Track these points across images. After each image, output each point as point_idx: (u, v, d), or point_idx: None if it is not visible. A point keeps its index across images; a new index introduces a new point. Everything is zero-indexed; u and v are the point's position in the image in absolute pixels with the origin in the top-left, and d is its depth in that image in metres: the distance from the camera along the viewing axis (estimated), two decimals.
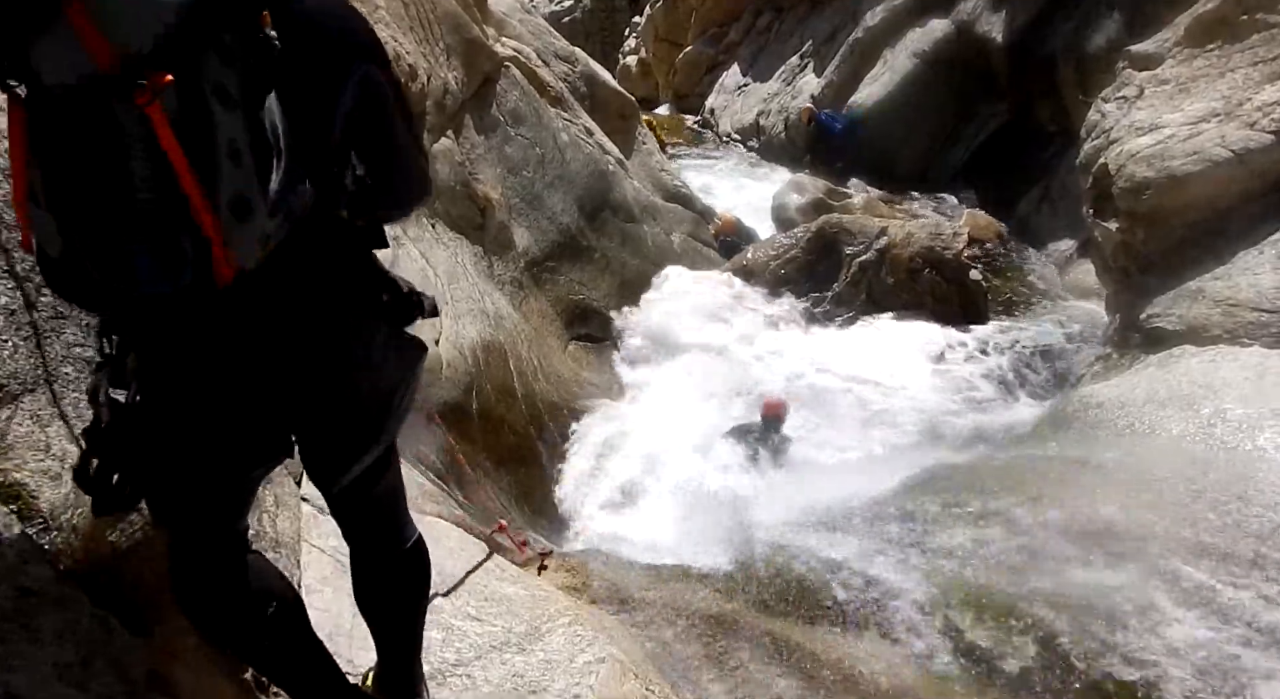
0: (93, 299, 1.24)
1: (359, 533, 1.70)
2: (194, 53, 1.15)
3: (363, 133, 1.35)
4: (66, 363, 1.39)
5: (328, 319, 1.39)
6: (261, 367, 1.33)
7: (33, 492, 1.19)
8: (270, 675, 1.71)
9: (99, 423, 1.27)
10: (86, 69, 1.09)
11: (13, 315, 1.27)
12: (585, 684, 2.51)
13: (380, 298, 1.47)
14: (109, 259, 1.17)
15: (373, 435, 1.53)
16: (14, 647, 0.99)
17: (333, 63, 1.29)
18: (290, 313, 1.33)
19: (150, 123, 1.12)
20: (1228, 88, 6.14)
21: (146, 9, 1.12)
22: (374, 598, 1.75)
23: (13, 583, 1.05)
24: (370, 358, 1.46)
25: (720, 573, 4.24)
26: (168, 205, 1.16)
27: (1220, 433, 4.57)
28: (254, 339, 1.31)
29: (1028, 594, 3.87)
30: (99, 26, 1.09)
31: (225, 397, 1.32)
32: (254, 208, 1.22)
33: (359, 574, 1.73)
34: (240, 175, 1.20)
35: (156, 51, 1.12)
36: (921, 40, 12.40)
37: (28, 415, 1.24)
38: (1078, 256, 8.93)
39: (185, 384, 1.30)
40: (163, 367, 1.29)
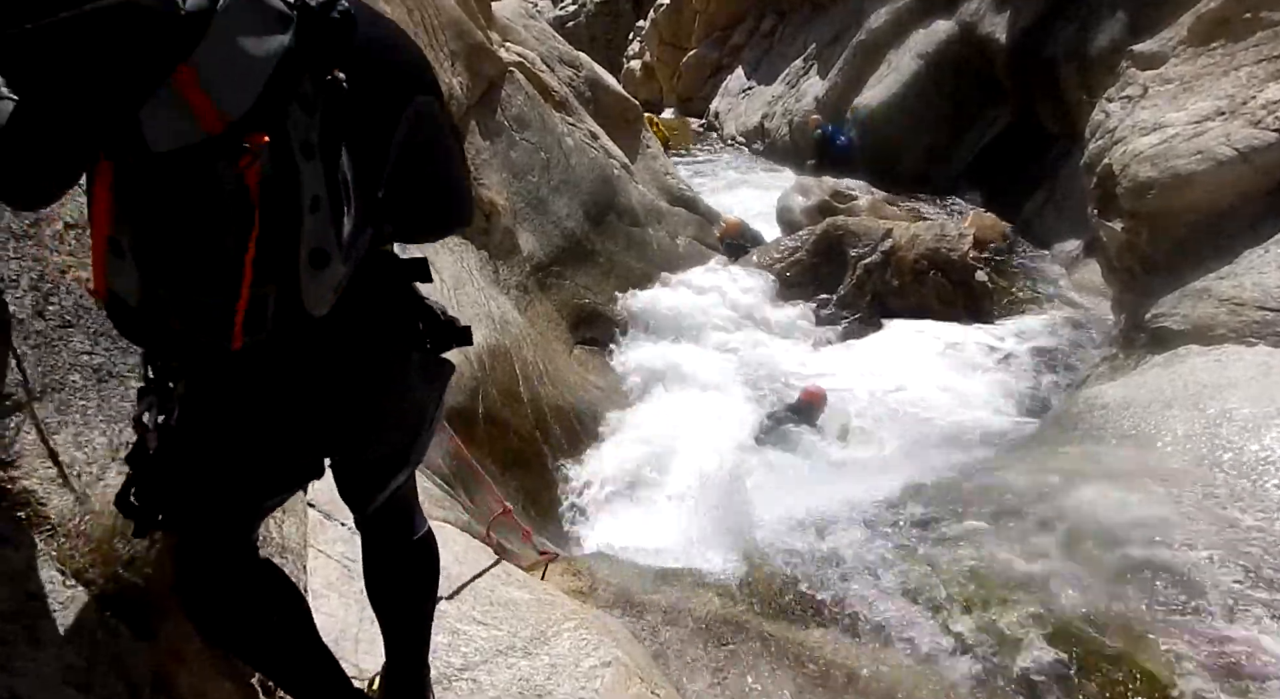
0: (166, 345, 1.28)
1: (374, 526, 1.73)
2: (282, 107, 1.18)
3: (414, 162, 1.38)
4: (74, 371, 1.41)
5: (373, 352, 1.43)
6: (308, 396, 1.37)
7: (40, 498, 1.21)
8: (276, 680, 1.73)
9: (145, 448, 1.30)
10: (194, 135, 1.12)
11: (20, 324, 1.29)
12: (591, 688, 2.51)
13: (418, 326, 1.51)
14: (193, 311, 1.21)
15: (408, 456, 1.60)
16: (18, 650, 1.01)
17: (392, 96, 1.31)
18: (339, 346, 1.37)
19: (245, 182, 1.15)
20: (1232, 86, 6.13)
21: (246, 70, 1.15)
22: (386, 587, 1.78)
23: (19, 587, 1.06)
24: (408, 384, 1.51)
25: (726, 576, 4.25)
26: (256, 260, 1.19)
27: (1227, 433, 4.55)
28: (304, 371, 1.35)
29: (1034, 597, 3.86)
30: (207, 92, 1.11)
31: (270, 424, 1.37)
32: (330, 258, 1.27)
33: (372, 565, 1.76)
34: (319, 227, 1.24)
35: (253, 111, 1.15)
36: (925, 42, 12.40)
37: (35, 423, 1.26)
38: (1083, 257, 8.91)
39: (233, 411, 1.34)
40: (212, 394, 1.33)
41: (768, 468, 6.09)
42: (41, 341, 1.34)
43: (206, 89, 1.12)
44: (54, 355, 1.36)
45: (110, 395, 1.50)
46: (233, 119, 1.13)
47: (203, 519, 1.40)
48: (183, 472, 1.33)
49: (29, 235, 1.39)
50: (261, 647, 1.53)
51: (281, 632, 1.54)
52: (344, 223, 1.27)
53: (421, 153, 1.38)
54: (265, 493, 1.47)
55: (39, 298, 1.36)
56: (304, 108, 1.20)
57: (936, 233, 8.99)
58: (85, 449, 1.36)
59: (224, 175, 1.15)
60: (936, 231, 9.04)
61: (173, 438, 1.31)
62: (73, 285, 1.47)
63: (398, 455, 1.59)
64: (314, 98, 1.21)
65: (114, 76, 1.10)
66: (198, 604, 1.43)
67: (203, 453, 1.34)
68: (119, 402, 1.52)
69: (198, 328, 1.22)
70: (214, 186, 1.15)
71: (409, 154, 1.35)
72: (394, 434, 1.55)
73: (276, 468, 1.44)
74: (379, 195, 1.34)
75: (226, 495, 1.40)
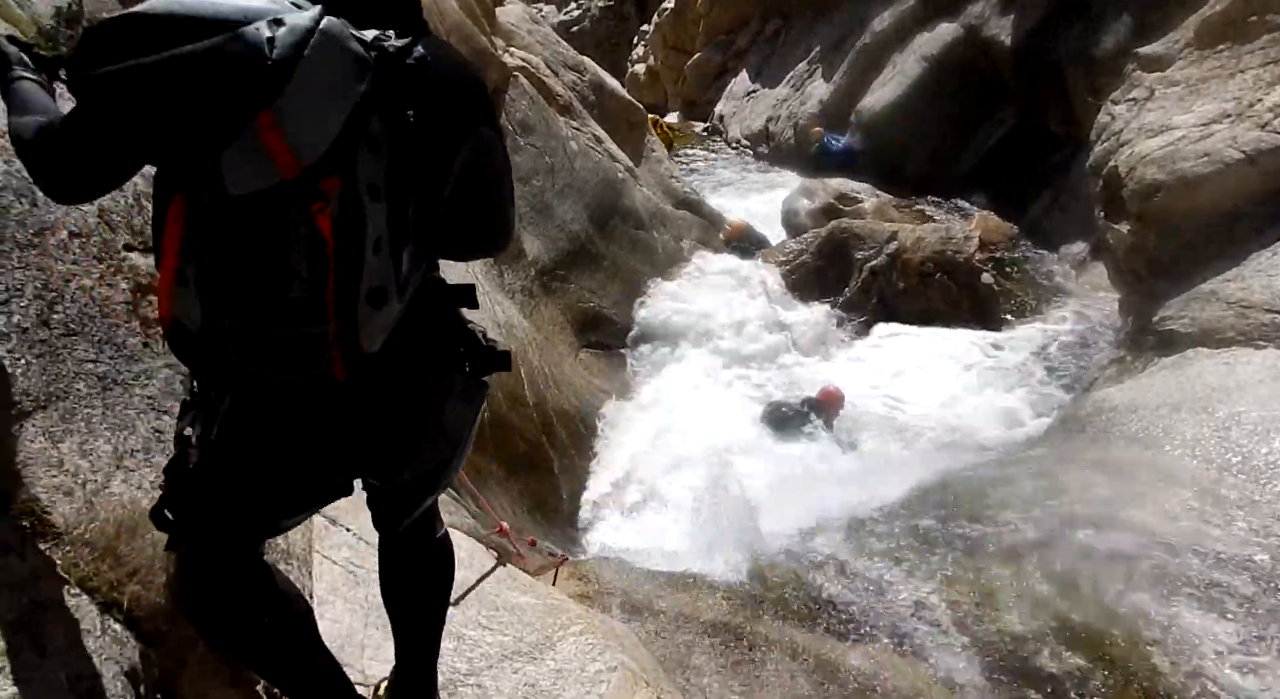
0: (220, 371, 1.30)
1: (395, 528, 1.74)
2: (352, 150, 1.21)
3: (471, 191, 1.39)
4: (79, 379, 1.41)
5: (416, 377, 1.45)
6: (350, 420, 1.39)
7: (45, 507, 1.21)
8: (280, 686, 1.72)
9: (185, 461, 1.33)
10: (272, 179, 1.16)
11: (25, 333, 1.29)
12: (597, 693, 2.51)
13: (460, 350, 1.53)
14: (251, 344, 1.25)
15: (439, 480, 1.63)
16: (25, 659, 1.01)
17: (455, 129, 1.33)
18: (385, 372, 1.38)
19: (317, 225, 1.20)
20: (1238, 89, 6.11)
21: (324, 117, 1.18)
22: (403, 588, 1.79)
23: (24, 596, 1.07)
24: (448, 409, 1.52)
25: (732, 581, 4.24)
26: (316, 299, 1.24)
27: (1236, 436, 4.52)
28: (348, 396, 1.36)
29: (1040, 600, 3.84)
30: (286, 139, 1.15)
31: (310, 447, 1.39)
32: (389, 297, 1.30)
33: (390, 565, 1.77)
34: (380, 267, 1.27)
35: (326, 156, 1.19)
36: (929, 44, 12.38)
37: (40, 431, 1.26)
38: (1089, 259, 8.88)
39: (275, 432, 1.36)
40: (256, 414, 1.34)
41: (775, 472, 6.08)
42: (46, 350, 1.34)
43: (286, 136, 1.15)
44: (58, 364, 1.36)
45: (114, 403, 1.50)
46: (308, 165, 1.17)
47: (223, 531, 1.41)
48: (218, 486, 1.35)
49: (33, 244, 1.39)
50: (264, 652, 1.53)
51: (284, 637, 1.54)
52: (403, 261, 1.30)
53: (478, 182, 1.40)
54: (292, 510, 1.50)
55: (43, 307, 1.37)
56: (371, 149, 1.23)
57: (942, 235, 8.97)
58: (90, 457, 1.37)
59: (296, 219, 1.19)
60: (942, 234, 9.02)
61: (212, 453, 1.33)
62: (77, 294, 1.47)
63: (431, 478, 1.60)
64: (382, 139, 1.24)
65: (198, 120, 1.14)
66: (203, 610, 1.44)
67: (240, 470, 1.36)
68: (123, 409, 1.52)
69: (254, 361, 1.26)
70: (286, 229, 1.19)
71: (466, 184, 1.37)
72: (430, 458, 1.56)
73: (309, 487, 1.46)
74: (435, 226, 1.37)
75: (255, 511, 1.42)
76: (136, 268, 1.70)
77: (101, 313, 1.53)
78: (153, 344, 1.69)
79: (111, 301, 1.57)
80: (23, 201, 1.38)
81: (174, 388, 1.72)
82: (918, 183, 12.22)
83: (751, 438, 6.66)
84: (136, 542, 1.32)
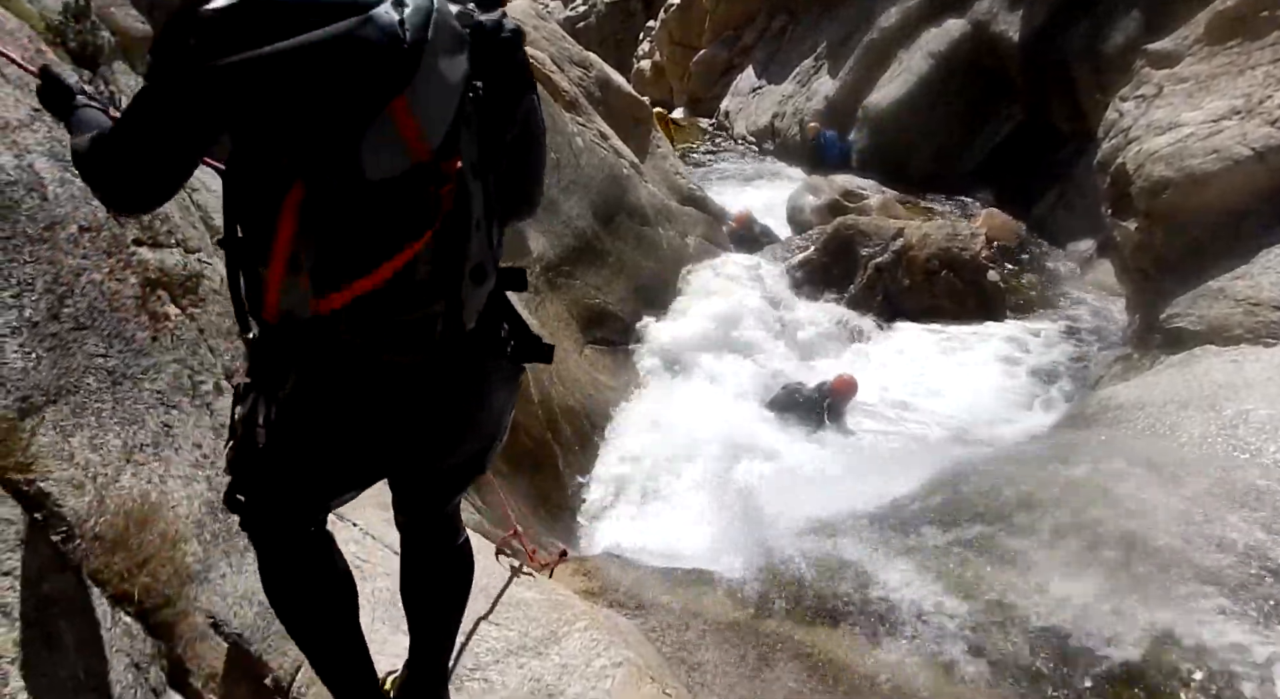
0: (329, 354, 1.29)
1: (422, 528, 1.75)
2: (457, 129, 1.22)
3: (520, 156, 1.40)
4: (89, 374, 1.41)
5: (473, 360, 1.45)
6: (411, 404, 1.39)
7: (56, 500, 1.22)
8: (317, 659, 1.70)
9: (254, 443, 1.33)
10: (406, 163, 1.16)
11: (35, 327, 1.29)
12: (602, 688, 2.51)
13: (506, 334, 1.53)
14: (371, 328, 1.25)
15: (482, 464, 1.63)
16: (35, 653, 1.02)
17: (512, 95, 1.33)
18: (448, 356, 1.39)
19: (441, 207, 1.20)
20: (1248, 85, 6.08)
21: (444, 98, 1.18)
22: (425, 588, 1.78)
23: (35, 591, 1.07)
24: (493, 393, 1.53)
25: (737, 577, 4.23)
26: (436, 280, 1.25)
27: (1243, 434, 4.51)
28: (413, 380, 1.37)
29: (1048, 598, 3.84)
30: (418, 122, 1.15)
31: (372, 428, 1.39)
32: (488, 273, 1.34)
33: (413, 565, 1.77)
34: (479, 244, 1.30)
35: (446, 137, 1.20)
36: (936, 41, 12.33)
37: (51, 426, 1.27)
38: (1096, 257, 8.85)
39: (339, 414, 1.36)
40: (321, 397, 1.34)
41: (781, 469, 6.07)
42: (57, 344, 1.35)
43: (418, 119, 1.15)
44: (69, 358, 1.37)
45: (124, 398, 1.51)
46: (434, 146, 1.17)
47: (290, 507, 1.44)
48: (284, 463, 1.36)
49: (44, 239, 1.40)
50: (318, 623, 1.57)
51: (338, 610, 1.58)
52: (494, 237, 1.33)
53: (526, 146, 1.41)
54: (343, 488, 1.51)
55: (54, 301, 1.37)
56: (468, 126, 1.24)
57: (948, 232, 8.94)
58: (100, 451, 1.37)
59: (423, 199, 1.19)
60: (948, 231, 8.99)
61: (277, 433, 1.33)
62: (87, 288, 1.48)
63: (474, 462, 1.60)
64: (471, 115, 1.25)
65: (337, 107, 1.12)
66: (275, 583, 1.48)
67: (303, 447, 1.37)
68: (132, 404, 1.52)
69: (373, 342, 1.26)
70: (413, 210, 1.19)
71: (517, 149, 1.38)
72: (474, 442, 1.56)
73: (362, 466, 1.47)
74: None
75: (315, 486, 1.44)
76: (145, 263, 1.70)
77: (111, 307, 1.53)
78: (161, 339, 1.69)
79: (121, 296, 1.57)
80: (33, 196, 1.38)
81: (182, 383, 1.72)
82: (924, 179, 12.18)
83: (758, 435, 6.65)
84: (146, 535, 1.33)
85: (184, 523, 1.52)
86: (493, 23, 1.24)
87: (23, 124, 1.45)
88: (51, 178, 1.45)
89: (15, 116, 1.43)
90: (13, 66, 1.53)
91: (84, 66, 1.83)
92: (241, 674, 1.57)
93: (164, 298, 1.75)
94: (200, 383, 1.79)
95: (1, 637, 0.99)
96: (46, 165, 1.45)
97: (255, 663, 1.64)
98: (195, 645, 1.43)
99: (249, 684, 1.59)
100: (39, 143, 1.46)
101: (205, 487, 1.68)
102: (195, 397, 1.76)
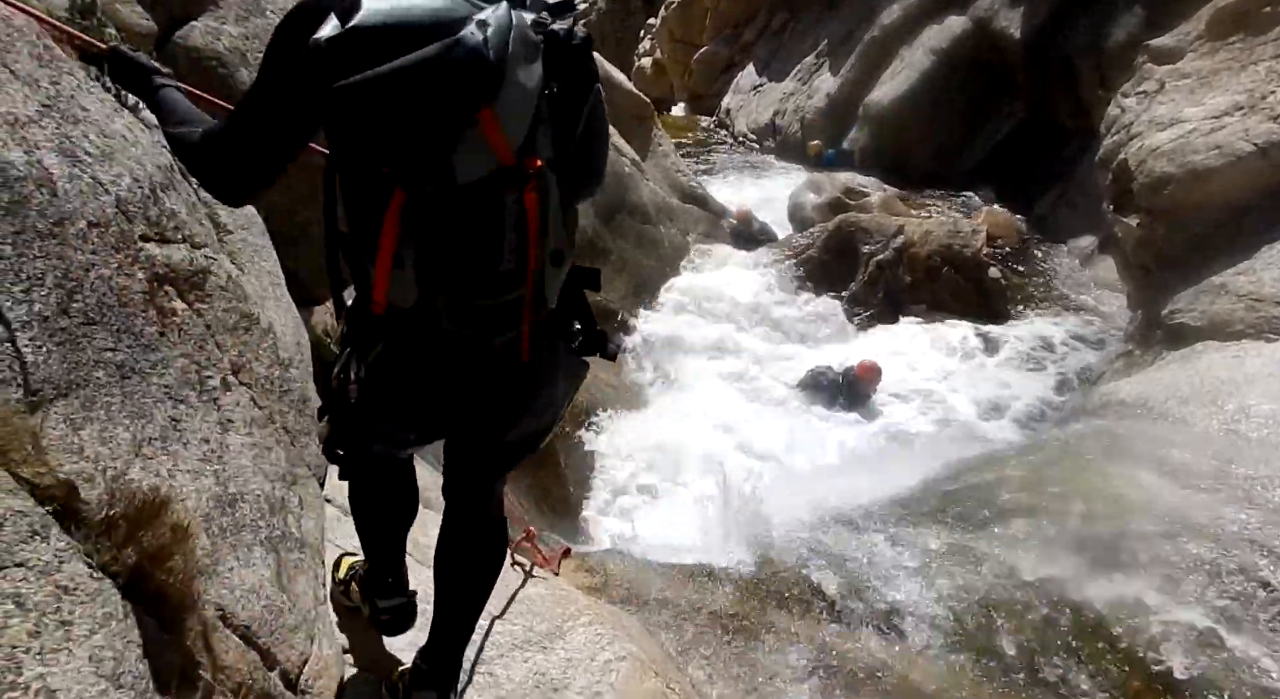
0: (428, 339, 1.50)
1: (466, 501, 1.89)
2: (534, 130, 1.35)
3: (587, 147, 1.51)
4: (98, 368, 1.42)
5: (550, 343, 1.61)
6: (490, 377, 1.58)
7: (67, 493, 1.23)
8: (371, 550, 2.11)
9: (347, 398, 1.53)
10: (492, 165, 1.31)
11: (46, 321, 1.30)
12: (606, 682, 2.52)
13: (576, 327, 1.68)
14: (466, 315, 1.44)
15: (538, 444, 1.80)
16: (50, 640, 1.03)
17: (581, 90, 1.44)
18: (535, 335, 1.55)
19: (525, 204, 1.36)
20: (1250, 81, 6.08)
21: (524, 103, 1.31)
22: (459, 554, 1.91)
23: (49, 581, 1.08)
24: (559, 378, 1.69)
25: (740, 572, 4.24)
26: (520, 269, 1.42)
27: (1245, 429, 4.51)
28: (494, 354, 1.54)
29: (1048, 593, 3.85)
30: (503, 129, 1.29)
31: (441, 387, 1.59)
32: (565, 257, 1.49)
33: (451, 531, 1.91)
34: (557, 230, 1.44)
35: (525, 139, 1.33)
36: (938, 38, 12.33)
37: (62, 419, 1.28)
38: (1098, 253, 8.86)
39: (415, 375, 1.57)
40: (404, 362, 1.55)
41: (783, 464, 6.09)
42: (66, 339, 1.36)
43: (503, 126, 1.29)
44: (78, 352, 1.38)
45: (132, 392, 1.51)
46: (516, 149, 1.31)
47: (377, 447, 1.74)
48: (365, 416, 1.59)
49: (53, 234, 1.40)
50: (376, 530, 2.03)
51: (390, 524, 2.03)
52: (569, 221, 1.47)
53: (593, 135, 1.51)
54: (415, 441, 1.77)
55: (63, 296, 1.38)
56: (543, 125, 1.36)
57: (949, 229, 8.94)
58: (110, 445, 1.38)
59: (509, 199, 1.35)
60: (949, 228, 8.99)
61: (366, 388, 1.54)
62: (96, 283, 1.48)
63: (529, 442, 1.77)
64: (546, 114, 1.36)
65: (430, 121, 1.26)
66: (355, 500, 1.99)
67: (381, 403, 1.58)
68: (140, 398, 1.53)
69: (467, 328, 1.45)
70: (502, 209, 1.35)
71: (585, 141, 1.48)
72: (534, 422, 1.72)
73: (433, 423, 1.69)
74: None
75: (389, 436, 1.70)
76: (153, 258, 1.71)
77: (119, 302, 1.54)
78: (168, 334, 1.70)
79: (129, 291, 1.58)
80: (43, 191, 1.39)
81: (189, 378, 1.73)
82: (925, 177, 12.19)
83: (759, 430, 6.67)
84: (157, 528, 1.34)
85: (192, 517, 1.53)
86: (565, 31, 1.37)
87: (32, 120, 1.45)
88: (60, 173, 1.45)
89: (24, 112, 1.44)
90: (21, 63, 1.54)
91: (89, 62, 1.84)
92: (250, 666, 1.58)
93: (171, 293, 1.76)
94: (207, 378, 1.80)
95: (16, 627, 1.00)
96: (56, 161, 1.46)
97: (264, 655, 1.65)
98: (205, 638, 1.44)
99: (259, 674, 1.60)
100: (48, 138, 1.47)
101: (213, 481, 1.69)
102: (202, 392, 1.77)
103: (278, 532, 1.90)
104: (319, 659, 1.89)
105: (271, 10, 3.55)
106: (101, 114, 1.72)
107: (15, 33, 1.58)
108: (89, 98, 1.72)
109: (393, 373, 1.55)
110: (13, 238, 1.29)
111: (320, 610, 2.03)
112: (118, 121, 1.78)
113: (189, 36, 3.19)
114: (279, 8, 3.62)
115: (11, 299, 1.25)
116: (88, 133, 1.62)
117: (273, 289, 2.53)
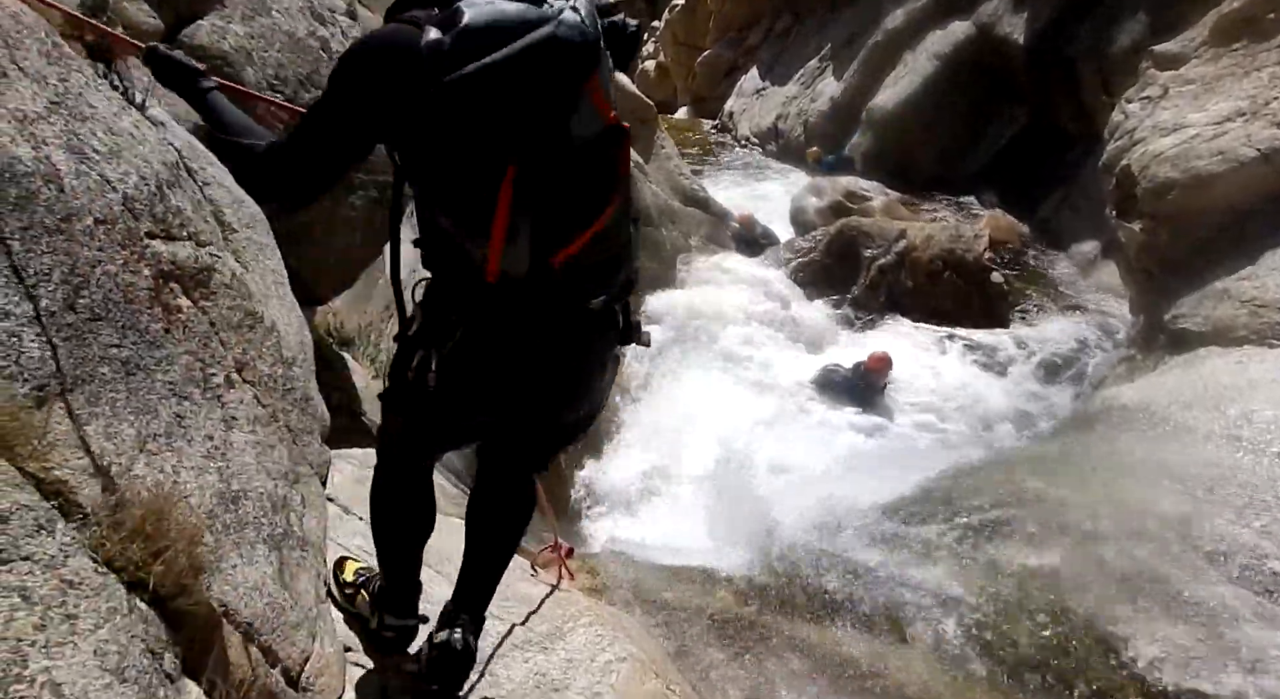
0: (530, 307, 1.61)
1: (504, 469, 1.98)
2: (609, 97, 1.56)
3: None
4: (103, 364, 1.43)
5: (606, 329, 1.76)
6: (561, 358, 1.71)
7: (73, 488, 1.23)
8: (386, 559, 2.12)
9: (426, 386, 1.64)
10: (599, 126, 1.52)
11: (53, 316, 1.31)
12: (606, 683, 2.52)
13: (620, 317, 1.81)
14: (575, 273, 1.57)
15: (589, 426, 1.95)
16: (55, 634, 1.03)
17: (627, 69, 1.74)
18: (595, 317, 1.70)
19: (619, 158, 1.56)
20: (1253, 87, 6.08)
21: (609, 75, 1.55)
22: (494, 511, 2.01)
23: (55, 575, 1.09)
24: (606, 365, 1.84)
25: (740, 574, 4.25)
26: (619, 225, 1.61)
27: (1248, 435, 4.51)
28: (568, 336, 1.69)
29: (1048, 595, 3.84)
30: (605, 92, 1.53)
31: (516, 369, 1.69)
32: (639, 219, 1.68)
33: (486, 492, 2.01)
34: (631, 195, 1.65)
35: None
36: (942, 42, 12.34)
37: (67, 414, 1.28)
38: (1101, 258, 8.86)
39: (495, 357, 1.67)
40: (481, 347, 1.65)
41: (783, 466, 6.08)
42: (73, 334, 1.36)
43: (605, 91, 1.51)
44: (84, 348, 1.38)
45: (137, 388, 1.52)
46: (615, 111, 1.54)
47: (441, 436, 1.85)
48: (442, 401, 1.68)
49: (60, 230, 1.41)
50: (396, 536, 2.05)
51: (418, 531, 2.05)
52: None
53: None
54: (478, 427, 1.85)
55: (70, 291, 1.38)
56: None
57: (951, 234, 8.95)
58: (115, 440, 1.38)
59: (612, 158, 1.55)
60: (951, 232, 9.00)
61: (445, 374, 1.64)
62: (102, 280, 1.49)
63: (578, 426, 1.92)
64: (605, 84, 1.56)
65: (548, 93, 1.44)
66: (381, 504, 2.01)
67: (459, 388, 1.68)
68: (145, 394, 1.54)
69: (572, 292, 1.59)
70: (606, 164, 1.55)
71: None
72: (587, 406, 1.86)
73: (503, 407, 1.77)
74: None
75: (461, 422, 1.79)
76: (159, 255, 1.71)
77: (125, 298, 1.54)
78: (173, 331, 1.71)
79: (135, 288, 1.58)
80: (50, 188, 1.39)
81: (194, 374, 1.73)
82: (928, 181, 12.19)
83: (760, 432, 6.67)
84: (161, 523, 1.34)
85: (197, 514, 1.53)
86: (621, 22, 1.63)
87: (40, 116, 1.46)
88: (68, 170, 1.46)
89: (33, 109, 1.44)
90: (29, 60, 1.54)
91: (98, 60, 1.85)
92: (252, 663, 1.58)
93: (176, 290, 1.76)
94: (211, 375, 1.80)
95: (21, 620, 1.01)
96: (63, 157, 1.46)
97: (266, 652, 1.66)
98: (208, 634, 1.44)
99: (263, 671, 1.60)
100: (56, 135, 1.48)
101: (216, 478, 1.69)
102: (206, 389, 1.77)
103: (280, 529, 1.90)
104: (320, 657, 1.89)
105: (277, 10, 3.56)
106: (109, 111, 1.73)
107: (25, 30, 1.58)
108: (96, 95, 1.73)
109: (472, 356, 1.66)
110: (20, 233, 1.30)
111: (322, 608, 2.03)
112: (125, 119, 1.78)
113: (195, 35, 3.20)
114: (283, 8, 3.62)
115: (19, 294, 1.25)
116: (95, 130, 1.62)
117: (276, 288, 2.54)
